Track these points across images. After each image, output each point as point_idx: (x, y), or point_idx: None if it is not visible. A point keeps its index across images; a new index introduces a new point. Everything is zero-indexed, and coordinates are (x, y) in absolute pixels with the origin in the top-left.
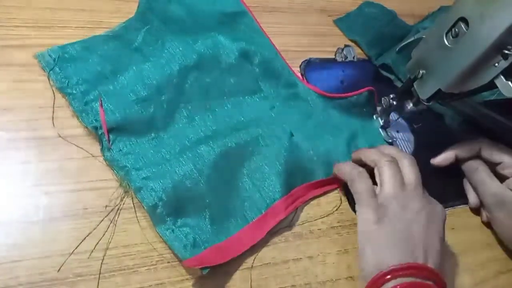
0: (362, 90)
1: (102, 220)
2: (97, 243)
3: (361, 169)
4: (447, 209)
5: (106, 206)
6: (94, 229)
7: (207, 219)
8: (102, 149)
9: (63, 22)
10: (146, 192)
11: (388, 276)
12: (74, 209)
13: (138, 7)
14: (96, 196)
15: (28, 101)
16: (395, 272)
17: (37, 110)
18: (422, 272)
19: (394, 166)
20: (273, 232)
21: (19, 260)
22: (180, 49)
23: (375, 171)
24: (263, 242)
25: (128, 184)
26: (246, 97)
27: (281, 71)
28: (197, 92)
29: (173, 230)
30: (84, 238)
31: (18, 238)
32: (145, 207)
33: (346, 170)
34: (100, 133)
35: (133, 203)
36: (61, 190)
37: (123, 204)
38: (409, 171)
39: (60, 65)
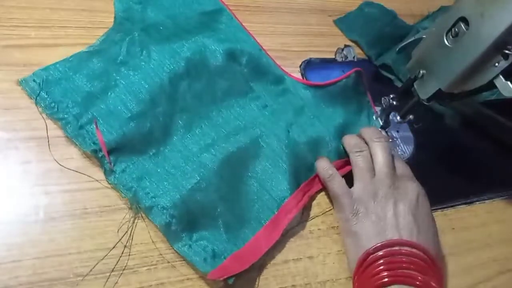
0: (348, 72)
1: (104, 221)
2: (99, 243)
3: (332, 170)
4: (447, 209)
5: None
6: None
7: (221, 229)
8: (105, 173)
9: (63, 22)
10: (157, 211)
11: (371, 257)
12: (74, 209)
13: (114, 18)
14: (96, 196)
15: (28, 101)
16: (373, 252)
17: (37, 110)
18: (396, 245)
19: (363, 158)
20: None
21: (19, 260)
22: (167, 57)
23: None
24: None
25: (137, 206)
26: (239, 100)
27: (267, 67)
28: (190, 100)
29: (190, 246)
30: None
31: (18, 238)
32: (159, 227)
33: (321, 169)
34: (100, 155)
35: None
36: (61, 190)
37: (136, 225)
38: (379, 157)
39: (46, 89)
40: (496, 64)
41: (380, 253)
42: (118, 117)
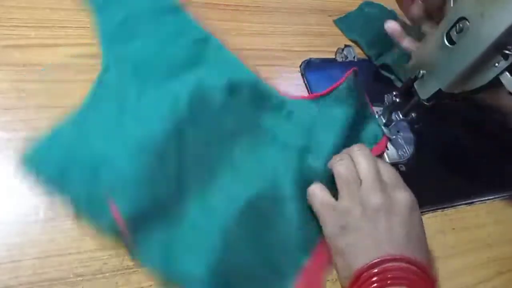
0: (347, 74)
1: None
2: (99, 243)
3: (316, 187)
4: (447, 209)
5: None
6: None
7: (260, 284)
8: (130, 252)
9: (63, 22)
10: (194, 284)
11: (364, 274)
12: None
13: (102, 63)
14: None
15: (28, 101)
16: (367, 269)
17: (37, 110)
18: (390, 262)
19: (345, 165)
20: None
21: (19, 260)
22: (166, 106)
23: None
24: None
25: (171, 280)
26: (249, 139)
27: (266, 94)
28: (199, 150)
29: None
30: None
31: (18, 238)
32: None
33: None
34: (121, 235)
35: None
36: None
37: None
38: (363, 164)
39: (46, 168)
40: (496, 64)
41: (374, 270)
42: (129, 190)
